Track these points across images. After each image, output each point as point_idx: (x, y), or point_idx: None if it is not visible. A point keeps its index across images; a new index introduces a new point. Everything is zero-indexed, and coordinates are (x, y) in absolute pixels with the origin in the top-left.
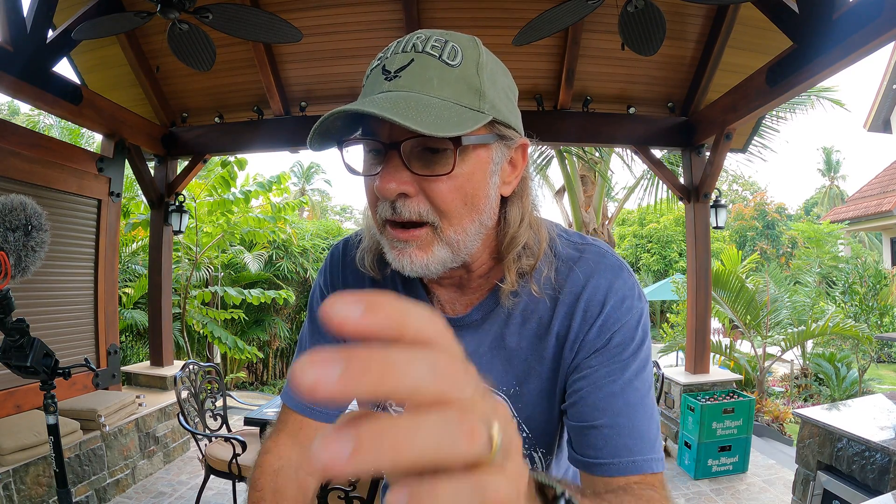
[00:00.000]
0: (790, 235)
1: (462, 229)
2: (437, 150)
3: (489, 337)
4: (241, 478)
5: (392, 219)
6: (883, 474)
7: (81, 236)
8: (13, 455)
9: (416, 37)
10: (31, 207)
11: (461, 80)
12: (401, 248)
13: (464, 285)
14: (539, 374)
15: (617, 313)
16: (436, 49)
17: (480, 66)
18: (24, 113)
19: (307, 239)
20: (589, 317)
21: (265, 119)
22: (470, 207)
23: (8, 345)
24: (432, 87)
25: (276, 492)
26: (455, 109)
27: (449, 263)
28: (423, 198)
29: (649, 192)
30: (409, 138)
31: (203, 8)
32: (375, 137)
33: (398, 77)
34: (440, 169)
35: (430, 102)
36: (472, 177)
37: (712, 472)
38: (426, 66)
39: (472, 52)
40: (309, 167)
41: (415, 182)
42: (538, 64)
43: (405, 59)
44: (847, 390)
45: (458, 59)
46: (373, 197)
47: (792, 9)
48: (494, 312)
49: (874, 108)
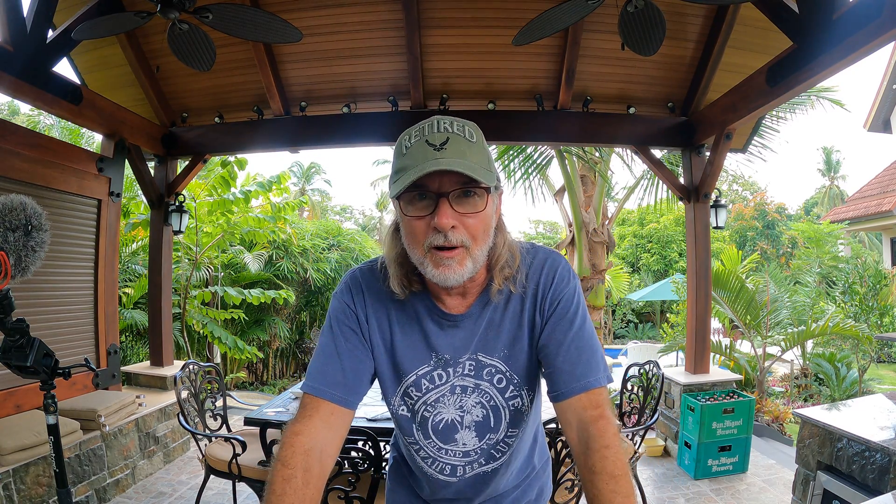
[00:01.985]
0: (790, 235)
1: (481, 250)
2: (469, 195)
3: (484, 322)
4: (241, 478)
5: (442, 245)
6: (883, 474)
7: (81, 236)
8: (13, 455)
9: (442, 122)
10: (31, 207)
11: (480, 151)
12: (446, 264)
13: (466, 292)
14: (520, 339)
15: (559, 288)
16: (459, 131)
17: (484, 143)
18: (24, 113)
19: (307, 239)
20: (542, 292)
21: (265, 119)
22: (486, 234)
23: (8, 345)
24: (467, 156)
25: (307, 470)
26: (481, 171)
27: (471, 274)
28: (463, 229)
29: (649, 192)
30: (454, 189)
31: (203, 8)
32: (427, 188)
33: (444, 149)
34: (476, 208)
35: (472, 165)
36: (489, 214)
37: (712, 472)
38: (459, 143)
39: (478, 133)
40: (309, 167)
41: (458, 218)
42: (538, 64)
43: (443, 137)
44: (847, 390)
45: (475, 138)
46: (423, 231)
47: (792, 9)
48: (486, 306)
49: (874, 108)
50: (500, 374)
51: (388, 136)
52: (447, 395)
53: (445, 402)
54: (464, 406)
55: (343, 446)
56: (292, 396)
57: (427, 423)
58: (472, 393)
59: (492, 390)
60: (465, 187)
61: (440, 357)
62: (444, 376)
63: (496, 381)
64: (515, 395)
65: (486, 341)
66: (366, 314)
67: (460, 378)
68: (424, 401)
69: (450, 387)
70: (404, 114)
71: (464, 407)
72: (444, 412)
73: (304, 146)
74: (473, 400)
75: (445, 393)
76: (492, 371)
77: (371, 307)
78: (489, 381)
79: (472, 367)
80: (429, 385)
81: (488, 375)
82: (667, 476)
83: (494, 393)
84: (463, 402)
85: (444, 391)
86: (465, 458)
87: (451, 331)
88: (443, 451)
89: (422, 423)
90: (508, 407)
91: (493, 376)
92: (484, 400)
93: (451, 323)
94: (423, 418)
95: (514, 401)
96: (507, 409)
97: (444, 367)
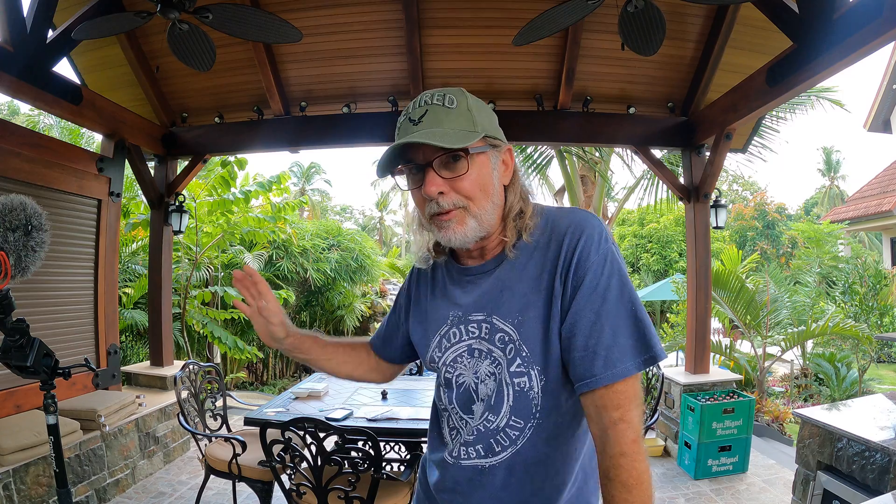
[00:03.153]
0: (790, 235)
1: (483, 208)
2: (456, 159)
3: (500, 282)
4: (241, 478)
5: (438, 212)
6: (883, 474)
7: (81, 236)
8: (13, 455)
9: (425, 95)
10: (31, 207)
11: (459, 116)
12: (446, 226)
13: (484, 252)
14: (536, 305)
15: (584, 253)
16: (439, 100)
17: (469, 105)
18: (24, 113)
19: (307, 239)
20: (566, 256)
21: (265, 119)
22: (484, 193)
23: (8, 345)
24: (443, 123)
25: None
26: (460, 133)
27: (478, 232)
28: (454, 192)
29: (649, 192)
30: (436, 157)
31: (203, 8)
32: (414, 161)
33: (421, 122)
34: (460, 171)
35: (445, 132)
36: (481, 173)
37: (712, 472)
38: (436, 112)
39: (461, 97)
40: (309, 167)
41: (445, 184)
42: (538, 64)
43: (422, 111)
44: (847, 390)
45: (454, 104)
46: (421, 201)
47: (792, 9)
48: (502, 264)
49: (874, 108)
50: (511, 343)
51: (388, 136)
52: (465, 356)
53: (464, 363)
54: (478, 373)
55: (343, 446)
56: (292, 396)
57: (451, 384)
58: (486, 359)
59: (502, 360)
60: (445, 154)
61: (455, 314)
62: (458, 334)
63: (507, 352)
64: (522, 371)
65: (501, 303)
66: (416, 286)
67: (477, 340)
68: (444, 360)
69: (466, 347)
70: None
71: (478, 374)
72: (464, 375)
73: (304, 146)
74: (486, 369)
75: (463, 353)
76: (503, 338)
77: (418, 280)
78: (501, 349)
79: (487, 329)
80: (447, 344)
81: (500, 343)
82: (667, 476)
83: (504, 364)
84: (478, 368)
85: (460, 350)
86: (471, 435)
87: (467, 287)
88: (463, 422)
89: (446, 384)
90: (512, 384)
91: (505, 345)
92: (496, 371)
93: (467, 279)
94: (447, 379)
95: (520, 379)
96: (510, 388)
97: (457, 324)
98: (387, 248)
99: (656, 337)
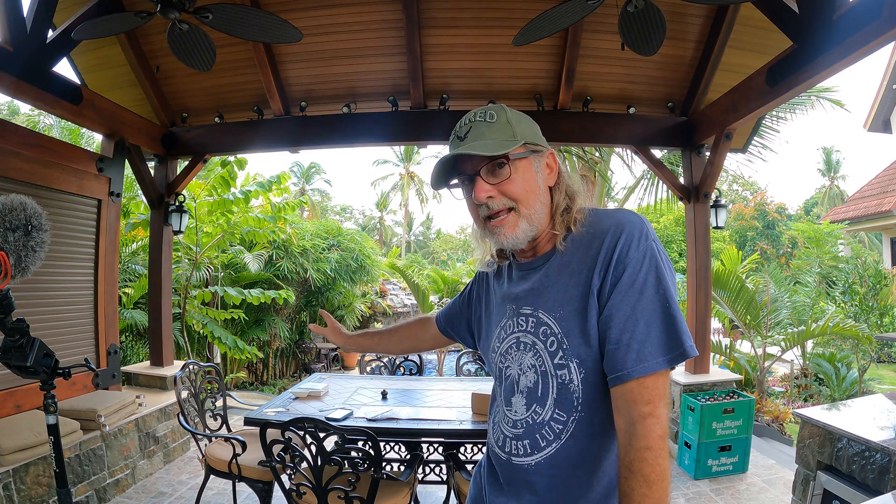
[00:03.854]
0: (790, 235)
1: (532, 208)
2: (500, 166)
3: (546, 278)
4: (241, 478)
5: (489, 215)
6: (883, 474)
7: (81, 236)
8: (13, 455)
9: (469, 114)
10: (31, 207)
11: (499, 127)
12: (498, 231)
13: (537, 250)
14: (574, 297)
15: (624, 249)
16: (481, 117)
17: (508, 118)
18: (24, 113)
19: (307, 239)
20: (606, 252)
21: (265, 119)
22: (530, 194)
23: (8, 345)
24: (484, 136)
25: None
26: (501, 143)
27: (529, 233)
28: (501, 196)
29: (649, 192)
30: (482, 166)
31: (203, 8)
32: (465, 173)
33: (466, 137)
34: (504, 176)
35: (486, 143)
36: (525, 176)
37: (712, 472)
38: (479, 127)
39: (501, 112)
40: (309, 167)
41: (493, 189)
42: (538, 64)
43: (466, 128)
44: (847, 390)
45: (494, 118)
46: (474, 208)
47: (792, 9)
48: (551, 260)
49: (874, 108)
50: (553, 336)
51: (388, 135)
52: (513, 349)
53: (512, 355)
54: (522, 365)
55: (343, 446)
56: (292, 396)
57: (501, 375)
58: (530, 351)
59: (545, 353)
60: (490, 162)
61: (511, 307)
62: (511, 326)
63: (549, 344)
64: (563, 363)
65: (546, 297)
66: (487, 283)
67: (524, 333)
68: (500, 350)
69: (515, 339)
70: (404, 114)
71: (522, 366)
72: (511, 368)
73: (304, 146)
74: (530, 360)
75: (512, 345)
76: (546, 331)
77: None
78: (544, 341)
79: (534, 323)
80: (504, 335)
81: (543, 336)
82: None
83: (546, 357)
84: (522, 360)
85: (511, 342)
86: (514, 429)
87: (521, 282)
88: (505, 414)
89: (498, 375)
90: (557, 376)
91: (547, 337)
92: (537, 363)
93: (521, 274)
94: (499, 370)
95: (562, 371)
96: (554, 379)
97: (510, 316)
98: (387, 248)
99: (688, 334)
